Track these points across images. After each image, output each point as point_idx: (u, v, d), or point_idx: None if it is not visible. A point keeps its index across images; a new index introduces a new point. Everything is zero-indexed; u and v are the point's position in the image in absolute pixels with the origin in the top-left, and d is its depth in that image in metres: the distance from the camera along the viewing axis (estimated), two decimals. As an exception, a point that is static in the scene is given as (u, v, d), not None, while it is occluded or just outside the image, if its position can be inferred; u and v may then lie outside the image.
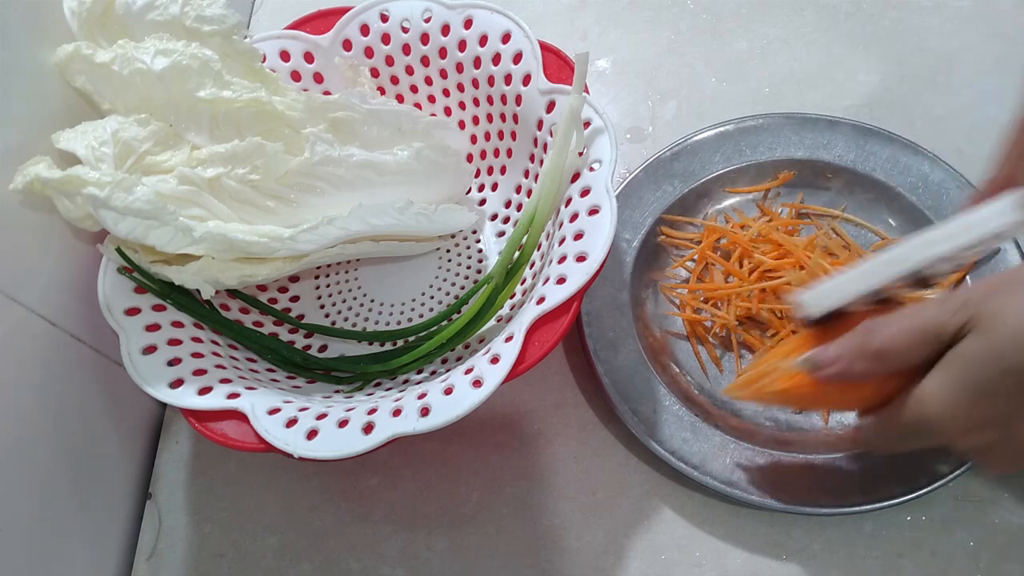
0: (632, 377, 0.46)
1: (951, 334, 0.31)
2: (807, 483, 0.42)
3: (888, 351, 0.32)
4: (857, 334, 0.33)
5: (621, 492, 0.46)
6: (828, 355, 0.34)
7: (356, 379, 0.47)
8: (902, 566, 0.42)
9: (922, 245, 0.34)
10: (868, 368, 0.33)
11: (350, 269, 0.53)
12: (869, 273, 0.35)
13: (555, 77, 0.45)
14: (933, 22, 0.60)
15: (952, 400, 0.31)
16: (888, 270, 0.34)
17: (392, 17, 0.50)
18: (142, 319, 0.42)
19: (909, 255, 0.34)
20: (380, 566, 0.46)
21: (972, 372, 0.30)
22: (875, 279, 0.35)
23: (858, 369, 0.33)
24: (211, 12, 0.43)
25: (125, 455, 0.49)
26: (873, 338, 0.32)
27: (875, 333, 0.32)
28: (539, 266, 0.46)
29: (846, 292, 0.35)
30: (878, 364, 0.32)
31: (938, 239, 0.33)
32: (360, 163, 0.44)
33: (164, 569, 0.47)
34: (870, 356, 0.32)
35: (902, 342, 0.31)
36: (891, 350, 0.32)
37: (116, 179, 0.37)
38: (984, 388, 0.30)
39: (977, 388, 0.30)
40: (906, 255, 0.34)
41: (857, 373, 0.33)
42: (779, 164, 0.53)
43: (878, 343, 0.32)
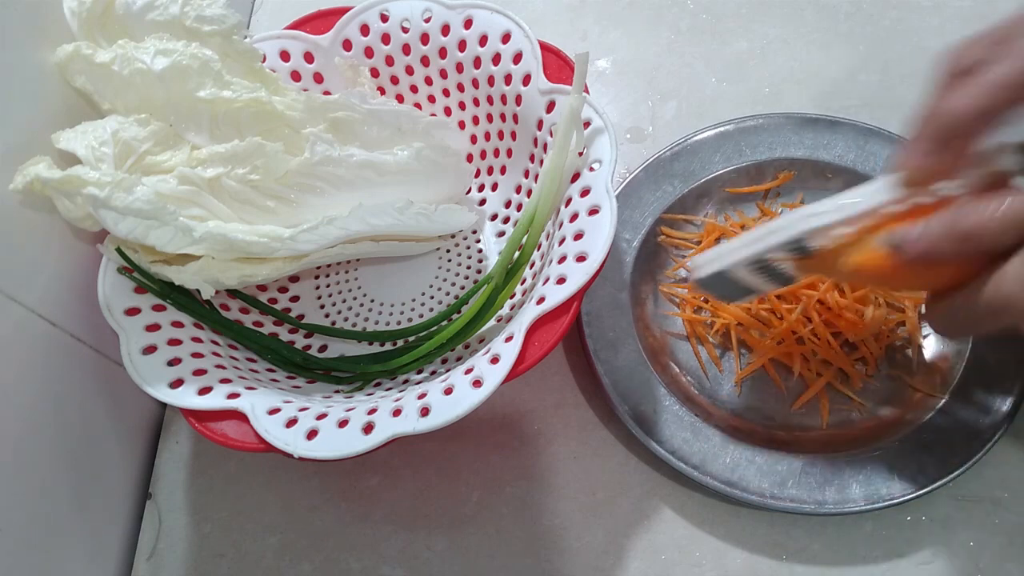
0: (632, 377, 0.46)
1: None
2: (807, 483, 0.43)
3: (979, 233, 0.31)
4: (947, 214, 0.32)
5: (621, 492, 0.46)
6: (914, 233, 0.33)
7: (356, 379, 0.47)
8: (902, 566, 0.42)
9: (803, 217, 0.35)
10: (955, 249, 0.32)
11: (350, 269, 0.53)
12: (753, 240, 0.37)
13: (555, 77, 0.45)
14: (933, 22, 0.60)
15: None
16: (770, 238, 0.36)
17: (392, 17, 0.50)
18: (142, 319, 0.42)
19: (790, 225, 0.35)
20: (380, 566, 0.46)
21: None
22: (758, 246, 0.36)
23: (944, 250, 0.32)
24: (211, 12, 0.43)
25: (125, 455, 0.49)
26: (964, 220, 0.31)
27: (966, 215, 0.31)
28: (539, 266, 0.46)
29: (731, 257, 0.37)
30: (966, 245, 0.32)
31: (818, 212, 0.34)
32: (360, 163, 0.44)
33: (164, 569, 0.47)
34: (958, 237, 0.31)
35: (994, 225, 0.31)
36: (982, 232, 0.31)
37: (116, 179, 0.37)
38: None
39: None
40: (787, 225, 0.35)
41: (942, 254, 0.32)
42: (779, 164, 0.53)
43: (969, 224, 0.31)
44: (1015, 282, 0.31)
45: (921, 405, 0.45)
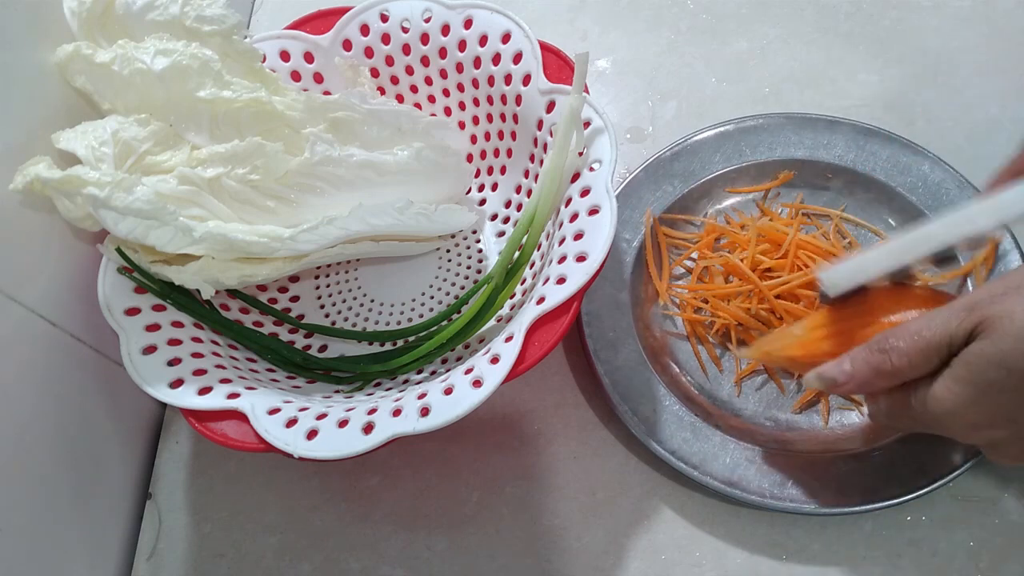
0: (632, 377, 0.46)
1: (961, 341, 0.31)
2: (807, 483, 0.42)
3: (902, 368, 0.33)
4: (870, 352, 0.34)
5: (621, 492, 0.46)
6: (844, 372, 0.35)
7: (356, 379, 0.47)
8: (902, 566, 0.42)
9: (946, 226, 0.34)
10: (883, 384, 0.34)
11: (350, 269, 0.53)
12: (891, 253, 0.35)
13: (555, 77, 0.45)
14: (933, 22, 0.60)
15: (961, 400, 0.31)
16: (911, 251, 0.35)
17: (392, 17, 0.50)
18: (142, 319, 0.42)
19: (932, 236, 0.34)
20: (380, 566, 0.46)
21: (979, 373, 0.31)
22: (897, 259, 0.35)
23: (873, 386, 0.34)
24: (211, 12, 0.43)
25: (125, 455, 0.49)
26: (887, 358, 0.33)
27: (888, 352, 0.33)
28: (539, 266, 0.46)
29: (868, 271, 0.36)
30: (891, 381, 0.33)
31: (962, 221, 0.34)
32: (360, 163, 0.44)
33: (164, 569, 0.47)
34: (885, 375, 0.33)
35: (915, 358, 0.32)
36: (905, 367, 0.33)
37: (116, 179, 0.37)
38: (992, 387, 0.30)
39: (985, 388, 0.31)
40: (929, 236, 0.34)
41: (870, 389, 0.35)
42: (779, 164, 0.53)
43: (892, 363, 0.33)
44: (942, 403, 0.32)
45: (921, 405, 0.45)
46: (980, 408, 0.31)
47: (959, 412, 0.32)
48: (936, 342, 0.32)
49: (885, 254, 0.35)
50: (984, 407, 0.31)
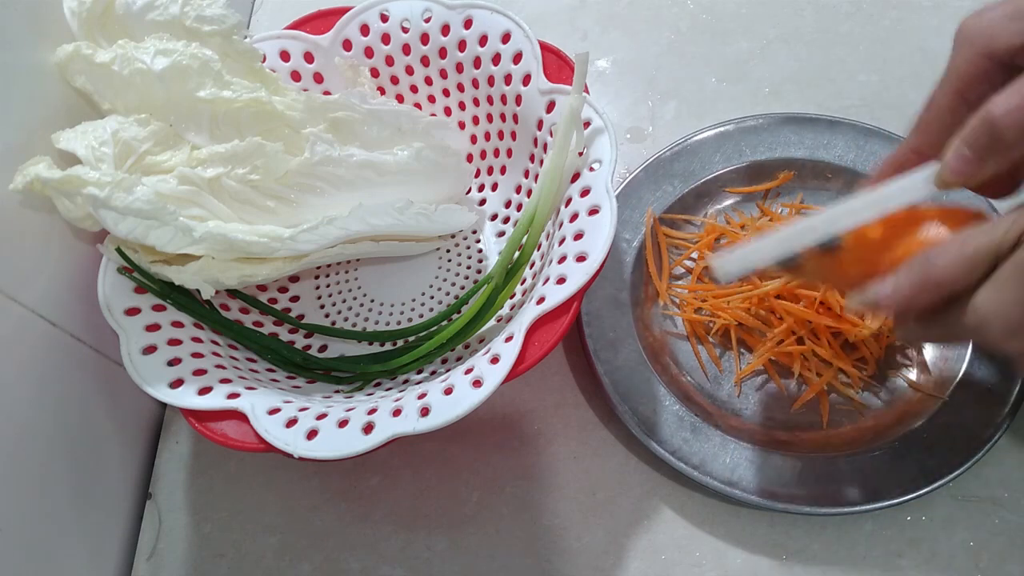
0: (632, 377, 0.46)
1: (1008, 248, 0.31)
2: (807, 483, 0.42)
3: (946, 280, 0.32)
4: (915, 267, 0.33)
5: (621, 492, 0.46)
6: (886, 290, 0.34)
7: (356, 379, 0.47)
8: (902, 566, 0.42)
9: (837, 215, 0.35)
10: (926, 299, 0.33)
11: (350, 269, 0.53)
12: (783, 240, 0.36)
13: (555, 77, 0.45)
14: (933, 22, 0.60)
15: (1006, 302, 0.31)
16: (802, 238, 0.35)
17: (392, 17, 0.50)
18: (142, 319, 0.42)
19: (824, 225, 0.35)
20: (380, 566, 0.46)
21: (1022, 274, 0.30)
22: (788, 246, 0.36)
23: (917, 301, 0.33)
24: (211, 12, 0.43)
25: (125, 455, 0.49)
26: (932, 271, 0.32)
27: (933, 265, 0.32)
28: (539, 266, 0.46)
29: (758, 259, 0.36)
30: (937, 294, 0.32)
31: (853, 210, 0.34)
32: (360, 163, 0.44)
33: (164, 569, 0.47)
34: (930, 288, 0.32)
35: (960, 269, 0.31)
36: (949, 279, 0.32)
37: (116, 179, 0.37)
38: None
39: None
40: (821, 225, 0.35)
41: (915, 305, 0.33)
42: (779, 164, 0.53)
43: (937, 275, 0.32)
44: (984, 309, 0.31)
45: (921, 405, 0.45)
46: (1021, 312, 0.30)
47: (1002, 315, 0.31)
48: (983, 251, 0.31)
49: (774, 243, 0.36)
50: None
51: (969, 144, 0.32)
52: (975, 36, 0.32)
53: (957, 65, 0.33)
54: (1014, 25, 0.31)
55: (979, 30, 0.32)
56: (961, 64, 0.33)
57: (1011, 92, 0.30)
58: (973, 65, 0.32)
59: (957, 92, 0.33)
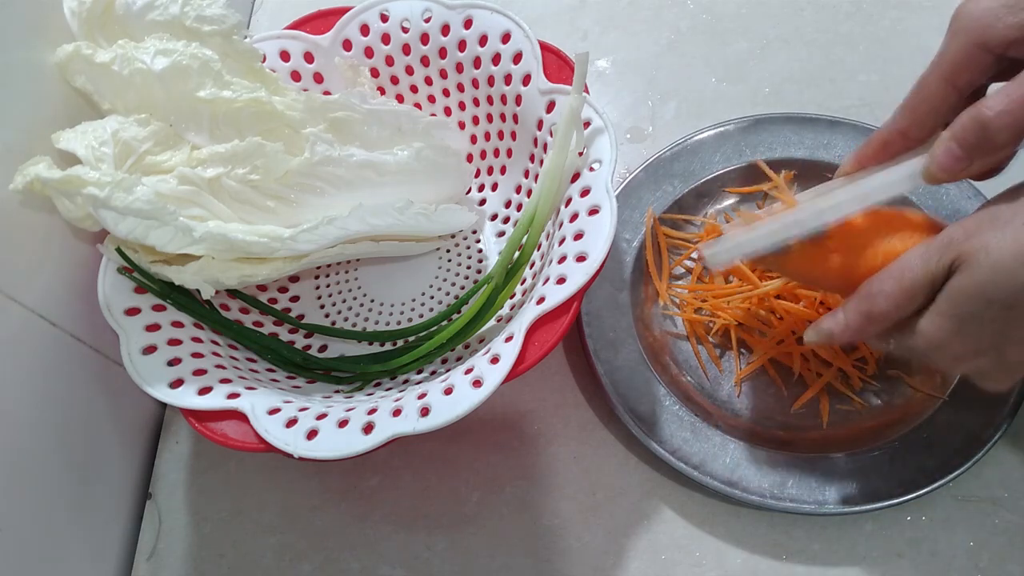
0: (632, 377, 0.46)
1: (942, 278, 0.32)
2: (807, 483, 0.42)
3: (890, 312, 0.34)
4: (859, 301, 0.35)
5: (621, 492, 0.46)
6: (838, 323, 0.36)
7: (356, 379, 0.47)
8: (902, 566, 0.42)
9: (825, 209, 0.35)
10: (876, 329, 0.35)
11: (350, 269, 0.53)
12: (773, 232, 0.37)
13: (555, 77, 0.45)
14: (933, 22, 0.60)
15: (945, 333, 0.32)
16: (792, 230, 0.36)
17: (392, 17, 0.50)
18: (142, 319, 0.42)
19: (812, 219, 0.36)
20: (380, 566, 0.46)
21: (960, 305, 0.31)
22: (779, 237, 0.37)
23: (867, 332, 0.35)
24: (211, 12, 0.43)
25: (125, 455, 0.49)
26: (875, 304, 0.34)
27: (875, 297, 0.34)
28: (539, 266, 0.46)
29: (750, 248, 0.37)
30: (883, 324, 0.34)
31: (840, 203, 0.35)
32: (360, 163, 0.44)
33: (164, 569, 0.47)
34: (877, 319, 0.34)
35: (901, 300, 0.33)
36: (893, 310, 0.34)
37: (116, 179, 0.37)
38: (973, 319, 0.31)
39: (967, 319, 0.32)
40: (809, 219, 0.36)
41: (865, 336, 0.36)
42: (779, 164, 0.52)
43: (881, 308, 0.34)
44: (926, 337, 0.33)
45: (921, 405, 0.45)
46: (964, 339, 0.32)
47: (944, 345, 0.33)
48: (919, 282, 0.33)
49: (764, 235, 0.37)
50: (968, 338, 0.32)
51: (959, 142, 0.32)
52: (970, 24, 0.32)
53: (950, 52, 0.33)
54: (1011, 17, 0.31)
55: (975, 18, 0.32)
56: (954, 51, 0.33)
57: (1004, 94, 0.30)
58: (966, 53, 0.33)
59: (947, 78, 0.34)
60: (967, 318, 0.31)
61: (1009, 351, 0.32)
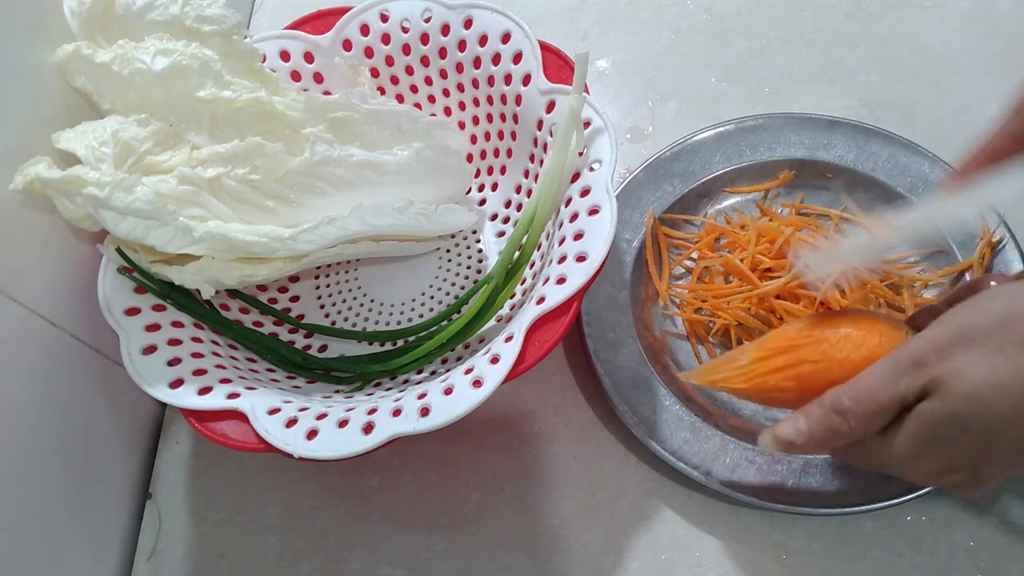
0: (632, 377, 0.46)
1: (913, 399, 0.32)
2: (807, 483, 0.42)
3: (858, 430, 0.33)
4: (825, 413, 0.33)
5: (621, 492, 0.46)
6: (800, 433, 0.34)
7: (356, 379, 0.47)
8: (902, 566, 0.42)
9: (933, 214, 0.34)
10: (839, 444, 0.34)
11: (350, 269, 0.53)
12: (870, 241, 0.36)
13: (555, 77, 0.45)
14: (933, 22, 0.60)
15: (916, 454, 0.32)
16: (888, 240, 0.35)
17: (392, 17, 0.50)
18: (142, 319, 0.42)
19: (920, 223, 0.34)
20: (380, 566, 0.46)
21: (932, 430, 0.31)
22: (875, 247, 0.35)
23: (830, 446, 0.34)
24: (211, 12, 0.43)
25: (125, 455, 0.49)
26: (843, 421, 0.33)
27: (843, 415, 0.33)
28: (539, 266, 0.46)
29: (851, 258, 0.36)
30: (846, 440, 0.33)
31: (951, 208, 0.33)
32: (360, 163, 0.44)
33: (164, 569, 0.47)
34: (842, 436, 0.33)
35: (870, 420, 0.32)
36: (861, 429, 0.33)
37: (116, 179, 0.37)
38: (946, 443, 0.31)
39: (939, 443, 0.31)
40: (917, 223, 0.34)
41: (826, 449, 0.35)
42: (779, 164, 0.53)
43: (849, 426, 0.33)
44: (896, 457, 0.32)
45: (921, 405, 0.45)
46: (935, 460, 0.32)
47: (915, 464, 0.32)
48: (888, 403, 0.32)
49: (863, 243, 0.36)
50: (939, 459, 0.32)
51: None
52: None
53: None
54: None
55: None
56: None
57: None
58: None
59: None
60: (939, 442, 0.31)
61: (984, 469, 0.32)
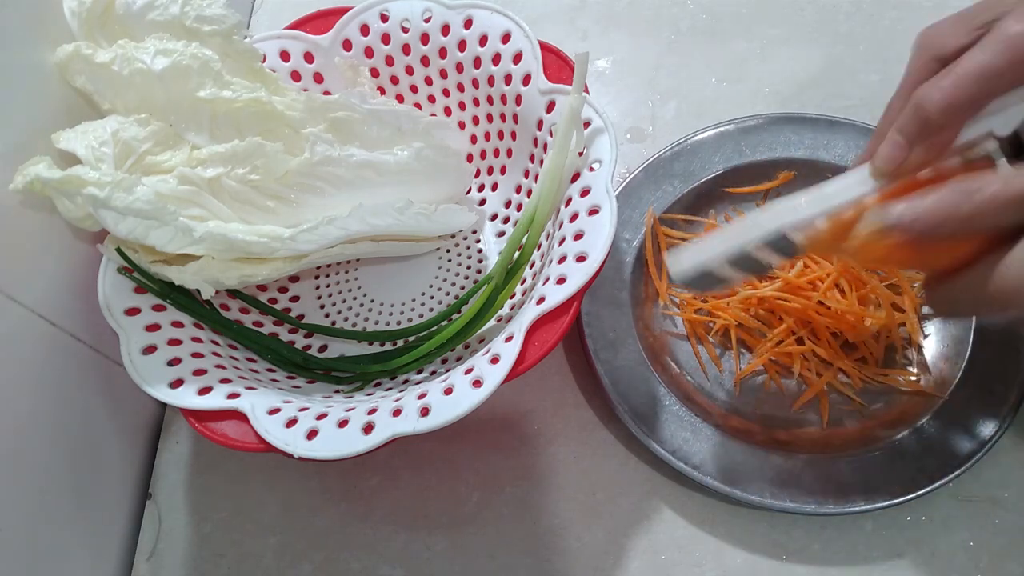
0: (632, 377, 0.46)
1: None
2: (807, 483, 0.42)
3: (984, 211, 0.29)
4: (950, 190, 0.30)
5: (621, 492, 0.46)
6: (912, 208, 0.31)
7: (356, 379, 0.47)
8: (902, 566, 0.42)
9: (782, 211, 0.34)
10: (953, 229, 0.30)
11: (350, 269, 0.53)
12: (732, 236, 0.35)
13: (555, 77, 0.45)
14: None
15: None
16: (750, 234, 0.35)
17: (392, 17, 0.50)
18: (142, 319, 0.42)
19: (769, 221, 0.35)
20: (380, 566, 0.46)
21: None
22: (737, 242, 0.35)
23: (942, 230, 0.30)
24: (211, 12, 0.43)
25: (125, 455, 0.49)
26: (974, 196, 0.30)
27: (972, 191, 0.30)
28: (539, 266, 0.46)
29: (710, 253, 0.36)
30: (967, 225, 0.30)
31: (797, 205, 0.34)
32: (360, 163, 0.44)
33: (164, 569, 0.47)
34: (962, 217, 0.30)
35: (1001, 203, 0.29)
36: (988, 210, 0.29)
37: (116, 179, 0.37)
38: None
39: None
40: (766, 220, 0.35)
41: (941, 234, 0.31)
42: (779, 164, 0.53)
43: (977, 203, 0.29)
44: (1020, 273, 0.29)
45: (921, 405, 0.45)
46: None
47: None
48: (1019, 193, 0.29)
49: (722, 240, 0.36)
50: None
51: (900, 130, 0.32)
52: (927, 41, 0.33)
53: (912, 70, 0.34)
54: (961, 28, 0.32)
55: (931, 36, 0.33)
56: (915, 68, 0.34)
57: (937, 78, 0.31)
58: (926, 69, 0.33)
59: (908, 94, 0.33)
60: None
61: None
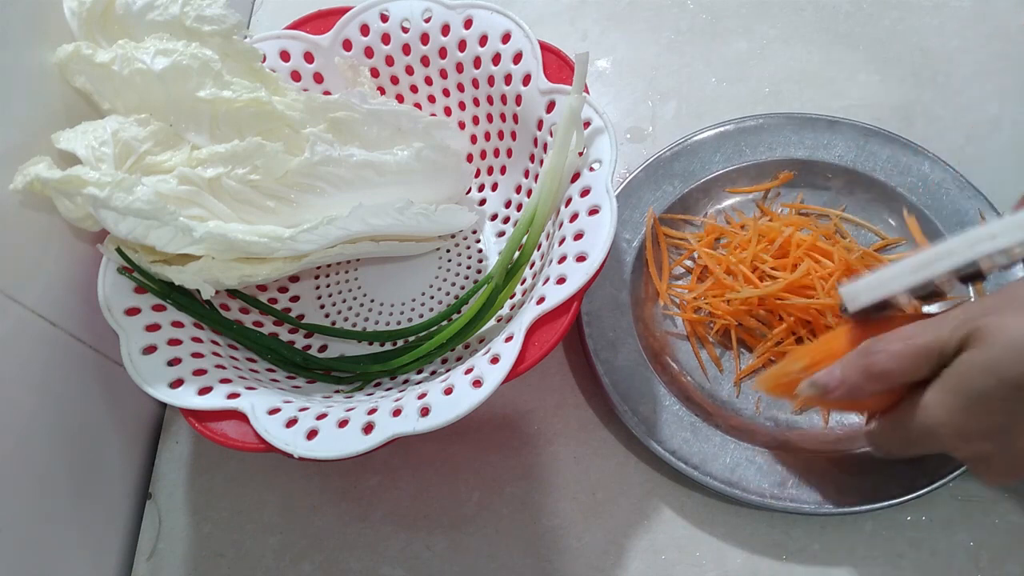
0: (632, 377, 0.46)
1: (952, 351, 0.31)
2: (807, 483, 0.42)
3: (891, 372, 0.33)
4: (859, 356, 0.34)
5: (621, 492, 0.46)
6: (833, 378, 0.35)
7: (356, 379, 0.47)
8: (902, 566, 0.42)
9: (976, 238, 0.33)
10: (872, 389, 0.34)
11: (350, 269, 0.53)
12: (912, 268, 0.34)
13: (555, 77, 0.45)
14: (933, 22, 0.60)
15: (951, 409, 0.32)
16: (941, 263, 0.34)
17: (392, 17, 0.50)
18: (142, 319, 0.42)
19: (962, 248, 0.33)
20: (380, 566, 0.46)
21: (970, 381, 0.31)
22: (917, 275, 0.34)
23: (863, 391, 0.34)
24: (211, 12, 0.43)
25: (125, 455, 0.49)
26: (876, 360, 0.33)
27: (877, 355, 0.33)
28: (539, 266, 0.46)
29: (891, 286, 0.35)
30: (882, 384, 0.33)
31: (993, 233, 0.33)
32: (360, 163, 0.44)
33: (164, 569, 0.47)
34: (874, 377, 0.33)
35: (905, 363, 0.32)
36: (894, 371, 0.33)
37: (116, 179, 0.37)
38: (982, 397, 0.30)
39: (975, 397, 0.31)
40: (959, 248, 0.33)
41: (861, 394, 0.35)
42: (779, 164, 0.53)
43: (881, 366, 0.33)
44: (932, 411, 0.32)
45: (921, 405, 0.45)
46: (970, 417, 0.31)
47: (950, 421, 0.32)
48: (927, 348, 0.32)
49: (906, 269, 0.35)
50: (974, 416, 0.31)
51: None
52: None
53: None
54: None
55: None
56: None
57: None
58: None
59: None
60: (976, 396, 0.30)
61: (1019, 438, 0.31)
